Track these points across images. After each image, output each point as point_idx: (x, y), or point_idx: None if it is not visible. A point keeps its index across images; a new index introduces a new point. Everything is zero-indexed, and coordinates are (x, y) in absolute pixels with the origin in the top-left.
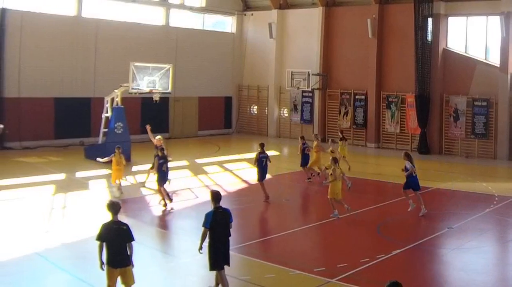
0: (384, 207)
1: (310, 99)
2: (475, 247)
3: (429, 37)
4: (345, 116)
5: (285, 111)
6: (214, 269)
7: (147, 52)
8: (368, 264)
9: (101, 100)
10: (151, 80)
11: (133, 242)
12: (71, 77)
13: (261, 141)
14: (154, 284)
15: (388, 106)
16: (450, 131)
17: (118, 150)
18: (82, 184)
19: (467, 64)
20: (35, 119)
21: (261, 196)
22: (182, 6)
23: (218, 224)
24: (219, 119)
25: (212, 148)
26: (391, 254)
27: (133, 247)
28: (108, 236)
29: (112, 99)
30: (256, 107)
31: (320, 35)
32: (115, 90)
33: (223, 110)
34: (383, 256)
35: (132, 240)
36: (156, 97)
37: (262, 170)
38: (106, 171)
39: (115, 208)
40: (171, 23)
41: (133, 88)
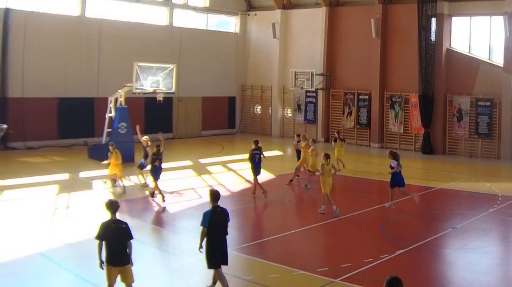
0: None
1: (314, 99)
2: (479, 247)
3: (433, 37)
4: (349, 116)
5: (289, 111)
6: (212, 267)
7: (151, 52)
8: (372, 264)
9: (105, 100)
10: (155, 80)
11: (137, 241)
12: (75, 77)
13: (255, 139)
14: (157, 283)
15: (392, 106)
16: (454, 131)
17: (112, 146)
18: (86, 184)
19: (471, 64)
20: (39, 119)
21: (263, 196)
22: (186, 6)
23: (216, 223)
24: (223, 119)
25: (216, 147)
26: (395, 254)
27: (133, 245)
28: (108, 234)
29: (116, 99)
30: (260, 107)
31: (324, 35)
32: (119, 90)
33: (227, 110)
34: (387, 256)
35: (131, 238)
36: (160, 97)
37: (256, 166)
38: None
39: (114, 206)
40: (175, 23)
41: (137, 88)
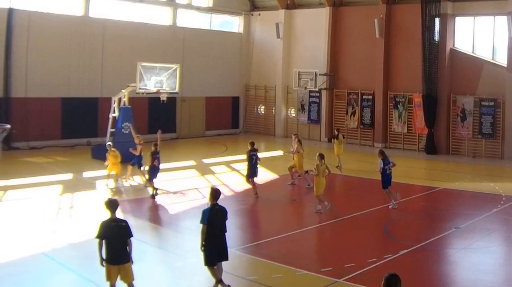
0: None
1: (317, 99)
2: (483, 247)
3: (436, 37)
4: (352, 116)
5: (292, 111)
6: (207, 264)
7: (154, 52)
8: (376, 264)
9: (108, 100)
10: (158, 80)
11: (140, 241)
12: (78, 77)
13: (251, 141)
14: (160, 283)
15: (395, 106)
16: (457, 131)
17: (110, 147)
18: (89, 184)
19: (475, 64)
20: (42, 119)
21: (266, 196)
22: (189, 6)
23: (215, 220)
24: (226, 119)
25: (219, 147)
26: (398, 254)
27: (134, 244)
28: (108, 233)
29: (119, 99)
30: (263, 107)
31: (327, 35)
32: (122, 90)
33: (230, 110)
34: (391, 256)
35: (131, 236)
36: (164, 97)
37: (252, 167)
38: (113, 171)
39: (114, 205)
40: (178, 23)
41: (140, 88)
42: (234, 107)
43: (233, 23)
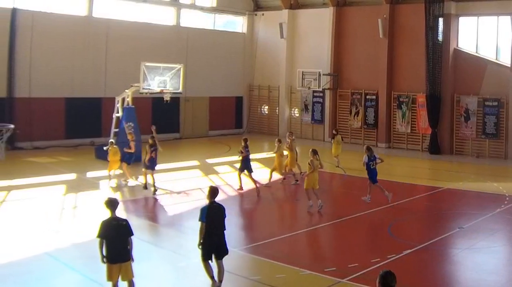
0: (395, 207)
1: (321, 99)
2: (486, 247)
3: (440, 37)
4: (356, 116)
5: (296, 111)
6: (205, 260)
7: (158, 52)
8: (379, 264)
9: (112, 100)
10: (162, 80)
11: (143, 241)
12: (82, 77)
13: (245, 137)
14: (164, 283)
15: (399, 106)
16: (461, 131)
17: (112, 144)
18: (93, 184)
19: (478, 64)
20: (46, 119)
21: (269, 196)
22: (193, 6)
23: (213, 218)
24: (230, 119)
25: (223, 147)
26: (402, 254)
27: (135, 242)
28: (109, 232)
29: (123, 99)
30: (267, 107)
31: (331, 35)
32: (126, 90)
33: (234, 110)
34: (394, 256)
35: (132, 235)
36: (167, 97)
37: (246, 162)
38: (117, 171)
39: (114, 204)
40: (182, 23)
41: (144, 88)
42: (238, 107)
43: (237, 23)
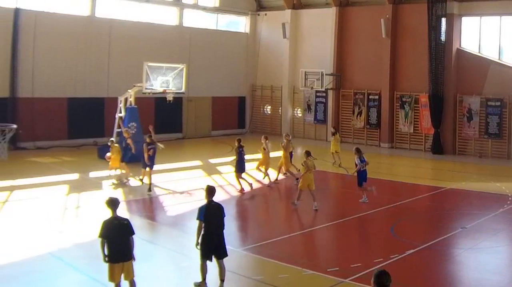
0: (398, 207)
1: (324, 99)
2: (489, 247)
3: (443, 37)
4: (359, 116)
5: (299, 111)
6: (204, 258)
7: (161, 52)
8: (382, 264)
9: (115, 100)
10: (165, 80)
11: (146, 241)
12: (85, 77)
13: (238, 137)
14: (167, 283)
15: (402, 106)
16: (464, 131)
17: (112, 142)
18: (96, 184)
19: (481, 64)
20: (49, 119)
21: (272, 196)
22: (196, 6)
23: (212, 217)
24: (233, 119)
25: (226, 147)
26: (405, 254)
27: (136, 242)
28: (110, 232)
29: (126, 99)
30: (270, 107)
31: (334, 35)
32: (129, 90)
33: (237, 110)
34: (397, 256)
35: (133, 234)
36: (170, 97)
37: (240, 162)
38: (119, 171)
39: (115, 204)
40: (185, 23)
41: (147, 88)
42: (241, 107)
43: (240, 23)
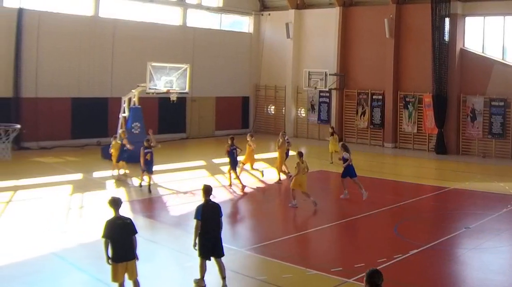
0: (401, 207)
1: (328, 99)
2: (493, 247)
3: (446, 37)
4: (362, 116)
5: (303, 111)
6: (201, 256)
7: (165, 52)
8: (385, 264)
9: (118, 100)
10: (168, 80)
11: (150, 241)
12: (88, 77)
13: (231, 135)
14: (171, 283)
15: (405, 106)
16: (467, 131)
17: (115, 139)
18: (99, 184)
19: (484, 64)
20: (52, 120)
21: (276, 196)
22: (199, 6)
23: (209, 216)
24: (236, 119)
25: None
26: (408, 254)
27: (139, 241)
28: (114, 231)
29: (129, 99)
30: (274, 107)
31: (338, 35)
32: (132, 90)
33: (241, 110)
34: (400, 256)
35: (136, 233)
36: (174, 97)
37: (233, 160)
38: (123, 170)
39: (118, 203)
40: (188, 23)
41: (151, 88)
42: (244, 107)
43: (243, 23)
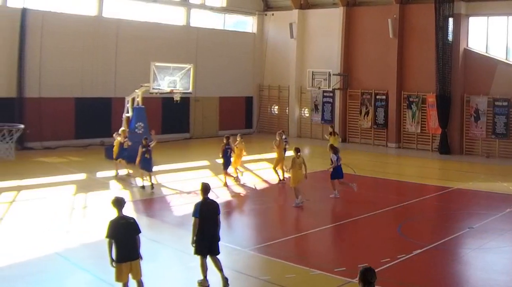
0: (405, 207)
1: (331, 99)
2: (496, 247)
3: (450, 37)
4: (366, 116)
5: (306, 111)
6: (197, 254)
7: (168, 52)
8: (389, 264)
9: (122, 100)
10: (172, 80)
11: (154, 241)
12: (92, 77)
13: (227, 135)
14: (174, 283)
15: (409, 106)
16: (471, 131)
17: (117, 135)
18: (103, 184)
19: (488, 64)
20: (56, 120)
21: (279, 196)
22: (203, 6)
23: (206, 213)
24: (240, 119)
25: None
26: (412, 254)
27: (144, 241)
28: (118, 231)
29: (133, 99)
30: (277, 107)
31: (341, 35)
32: (136, 90)
33: (244, 110)
34: (404, 256)
35: (140, 232)
36: (177, 97)
37: (226, 160)
38: (126, 170)
39: (121, 203)
40: (192, 23)
41: (154, 88)
42: (248, 107)
43: (247, 23)
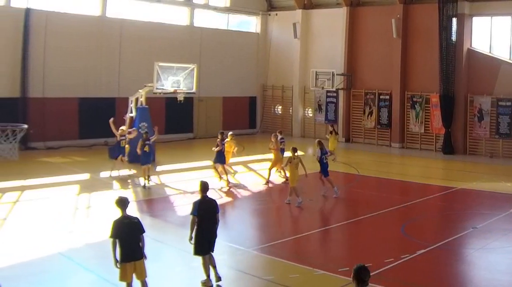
0: (409, 207)
1: (335, 99)
2: (500, 247)
3: (454, 37)
4: (370, 116)
5: (310, 111)
6: (198, 254)
7: (172, 52)
8: (393, 264)
9: (126, 100)
10: (176, 80)
11: (157, 241)
12: (96, 77)
13: (221, 131)
14: (177, 283)
15: (413, 106)
16: (475, 131)
17: (129, 133)
18: (106, 184)
19: (492, 64)
20: (59, 120)
21: (282, 196)
22: (207, 6)
23: (205, 212)
24: (244, 119)
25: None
26: (416, 254)
27: (147, 241)
28: (121, 231)
29: (137, 99)
30: (281, 107)
31: (345, 35)
32: (140, 90)
33: (248, 110)
34: (408, 256)
35: (143, 232)
36: (181, 97)
37: (220, 155)
38: (130, 171)
39: (125, 203)
40: (196, 23)
41: (158, 88)
42: (251, 107)
43: (250, 23)
